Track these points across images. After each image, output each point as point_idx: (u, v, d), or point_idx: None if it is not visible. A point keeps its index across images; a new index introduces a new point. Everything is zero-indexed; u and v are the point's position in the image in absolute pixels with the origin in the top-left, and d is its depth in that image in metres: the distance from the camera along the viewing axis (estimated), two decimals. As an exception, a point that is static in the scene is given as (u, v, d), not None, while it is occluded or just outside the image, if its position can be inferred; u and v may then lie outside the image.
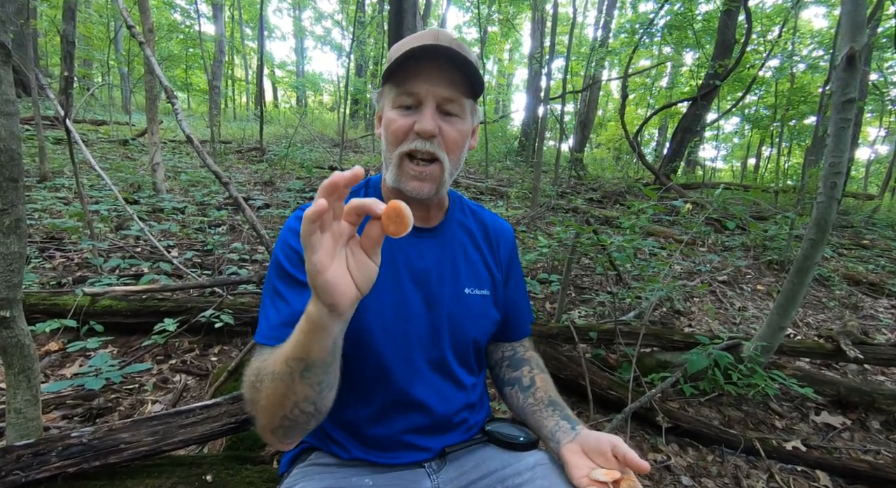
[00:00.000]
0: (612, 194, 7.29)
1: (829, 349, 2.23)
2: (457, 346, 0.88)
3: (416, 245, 0.85)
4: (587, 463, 0.73)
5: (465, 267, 0.89)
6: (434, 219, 0.88)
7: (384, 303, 0.81)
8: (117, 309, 2.10)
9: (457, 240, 0.90)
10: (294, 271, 0.77)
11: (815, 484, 1.66)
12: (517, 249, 1.01)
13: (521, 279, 1.01)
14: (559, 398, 0.90)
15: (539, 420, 0.86)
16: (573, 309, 3.01)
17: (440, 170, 0.77)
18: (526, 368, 0.95)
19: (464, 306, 0.87)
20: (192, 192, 4.79)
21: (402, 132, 0.76)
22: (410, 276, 0.83)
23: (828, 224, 1.76)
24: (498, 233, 0.96)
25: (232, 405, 1.14)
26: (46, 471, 0.93)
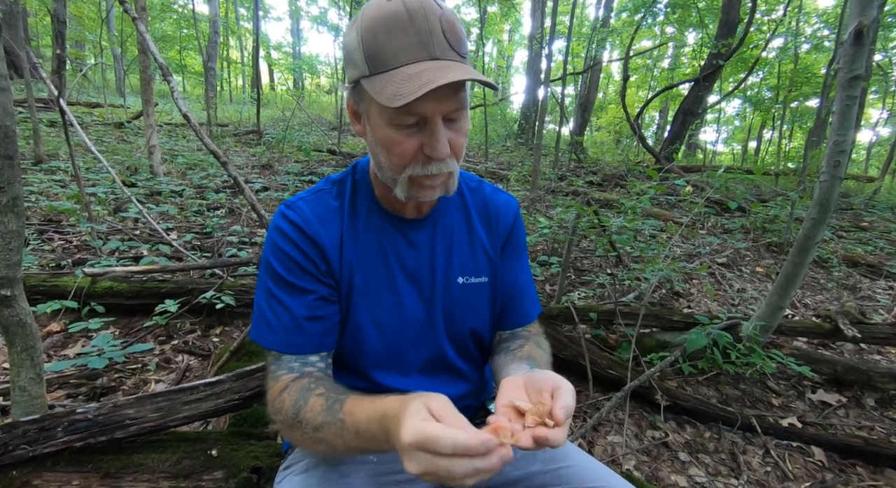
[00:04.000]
0: (613, 177, 7.26)
1: (827, 328, 2.24)
2: (455, 339, 0.86)
3: (408, 237, 0.81)
4: (518, 394, 0.60)
5: (460, 254, 0.84)
6: (427, 206, 0.82)
7: (377, 303, 0.80)
8: (118, 290, 2.10)
9: (451, 226, 0.84)
10: (291, 278, 0.75)
11: (810, 459, 1.69)
12: (522, 226, 0.93)
13: (524, 261, 0.93)
14: (542, 359, 0.81)
15: (506, 367, 0.80)
16: (573, 291, 3.03)
17: (450, 175, 0.71)
18: (521, 340, 0.88)
19: (458, 297, 0.84)
20: (190, 175, 4.76)
21: (410, 155, 0.67)
22: (403, 273, 0.81)
23: (830, 203, 1.75)
24: (498, 209, 0.89)
25: (235, 382, 1.15)
26: (53, 446, 0.94)
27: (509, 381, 0.63)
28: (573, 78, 11.93)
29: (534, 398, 0.59)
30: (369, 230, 0.80)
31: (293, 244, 0.75)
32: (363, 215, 0.80)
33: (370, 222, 0.80)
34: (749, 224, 4.77)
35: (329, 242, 0.77)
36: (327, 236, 0.77)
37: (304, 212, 0.77)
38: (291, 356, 0.74)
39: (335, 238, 0.78)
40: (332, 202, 0.80)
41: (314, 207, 0.78)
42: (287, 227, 0.76)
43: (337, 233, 0.78)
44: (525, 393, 0.61)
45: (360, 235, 0.79)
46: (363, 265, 0.79)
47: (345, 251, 0.78)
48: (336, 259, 0.78)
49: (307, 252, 0.75)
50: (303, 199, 0.80)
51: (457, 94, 0.64)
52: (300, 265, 0.75)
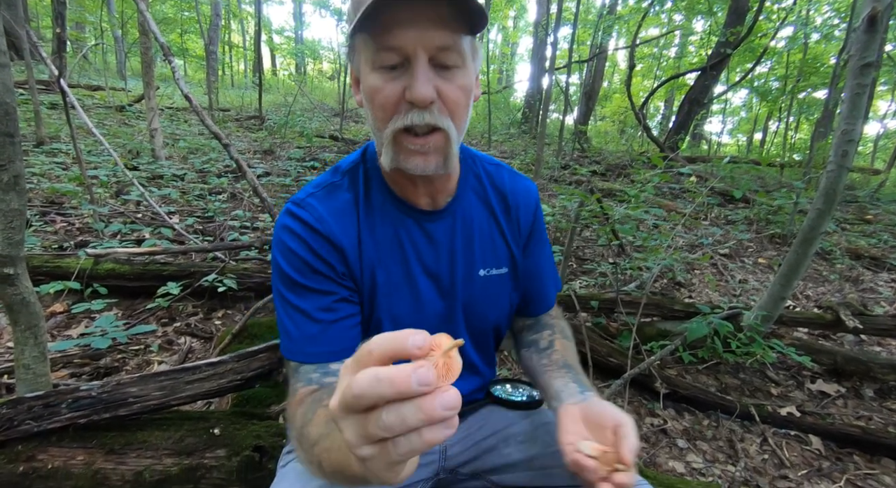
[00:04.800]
0: (616, 167, 7.22)
1: (829, 319, 2.24)
2: (475, 334, 0.84)
3: (426, 231, 0.76)
4: (580, 430, 0.65)
5: (480, 245, 0.80)
6: (443, 197, 0.77)
7: (396, 300, 0.76)
8: (120, 272, 2.10)
9: (470, 216, 0.80)
10: (306, 281, 0.70)
11: (808, 447, 1.70)
12: (542, 212, 0.89)
13: (545, 245, 0.90)
14: (577, 364, 0.83)
15: (548, 379, 0.80)
16: (574, 279, 3.03)
17: (445, 140, 0.64)
18: (547, 332, 0.88)
19: (479, 290, 0.80)
20: (192, 160, 4.74)
21: (392, 103, 0.62)
22: (422, 268, 0.77)
23: (836, 194, 1.74)
24: (517, 197, 0.84)
25: (237, 362, 1.16)
26: (57, 422, 0.95)
27: (568, 414, 0.68)
28: (578, 66, 11.79)
29: (595, 434, 0.64)
30: (386, 222, 0.75)
31: (306, 246, 0.70)
32: (378, 206, 0.75)
33: (386, 213, 0.75)
34: (753, 215, 4.75)
35: (347, 241, 0.72)
36: (345, 235, 0.72)
37: (316, 209, 0.71)
38: (311, 366, 0.69)
39: (353, 236, 0.73)
40: (345, 195, 0.74)
41: (326, 203, 0.73)
42: (299, 228, 0.70)
43: (354, 231, 0.73)
44: (584, 427, 0.66)
45: (378, 228, 0.75)
46: (383, 260, 0.75)
47: (364, 248, 0.73)
48: (356, 258, 0.73)
49: (323, 254, 0.70)
50: (312, 196, 0.74)
51: (444, 28, 0.59)
52: (315, 269, 0.70)
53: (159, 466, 0.96)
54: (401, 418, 0.31)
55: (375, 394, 0.31)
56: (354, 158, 0.79)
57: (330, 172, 0.78)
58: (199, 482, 0.97)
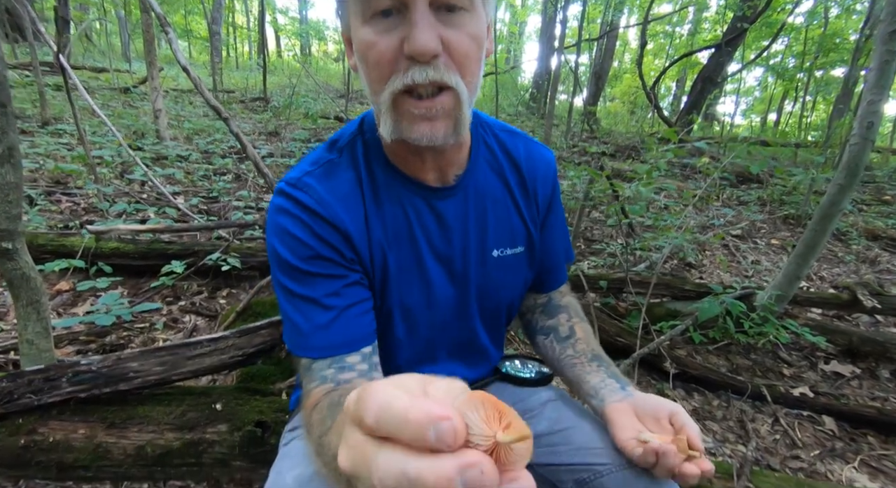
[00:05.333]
0: (625, 148, 7.08)
1: (845, 299, 2.19)
2: (487, 317, 0.80)
3: (436, 210, 0.70)
4: (636, 425, 0.65)
5: (495, 224, 0.74)
6: (453, 171, 0.69)
7: (406, 287, 0.71)
8: (125, 251, 2.09)
9: (483, 192, 0.73)
10: (311, 267, 0.63)
11: (821, 428, 1.67)
12: (558, 182, 0.82)
13: (561, 218, 0.84)
14: (603, 352, 0.80)
15: (580, 374, 0.77)
16: (583, 260, 2.98)
17: (454, 101, 0.55)
18: (563, 316, 0.84)
19: (493, 272, 0.75)
20: (196, 141, 4.71)
21: (388, 60, 0.53)
22: (432, 252, 0.71)
23: (859, 168, 1.67)
24: (534, 169, 0.77)
25: (239, 338, 1.14)
26: (58, 396, 0.94)
27: (618, 412, 0.67)
28: (588, 45, 11.51)
29: (652, 427, 0.64)
30: (393, 203, 0.68)
31: (308, 230, 0.63)
32: (383, 184, 0.68)
33: (392, 193, 0.68)
34: (766, 196, 4.65)
35: (354, 228, 0.65)
36: (351, 220, 0.65)
37: (315, 191, 0.64)
38: (324, 362, 0.62)
39: (359, 220, 0.66)
40: (346, 173, 0.67)
41: (327, 184, 0.65)
42: (298, 210, 0.63)
43: (360, 215, 0.66)
44: (636, 421, 0.66)
45: (385, 209, 0.68)
46: (392, 246, 0.68)
47: (372, 233, 0.67)
48: (364, 245, 0.67)
49: (329, 240, 0.63)
50: (309, 175, 0.65)
51: None
52: (320, 255, 0.63)
53: (161, 440, 0.95)
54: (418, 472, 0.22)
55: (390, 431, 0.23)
56: (351, 130, 0.71)
57: (325, 147, 0.70)
58: (202, 456, 0.96)
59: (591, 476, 0.67)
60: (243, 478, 1.17)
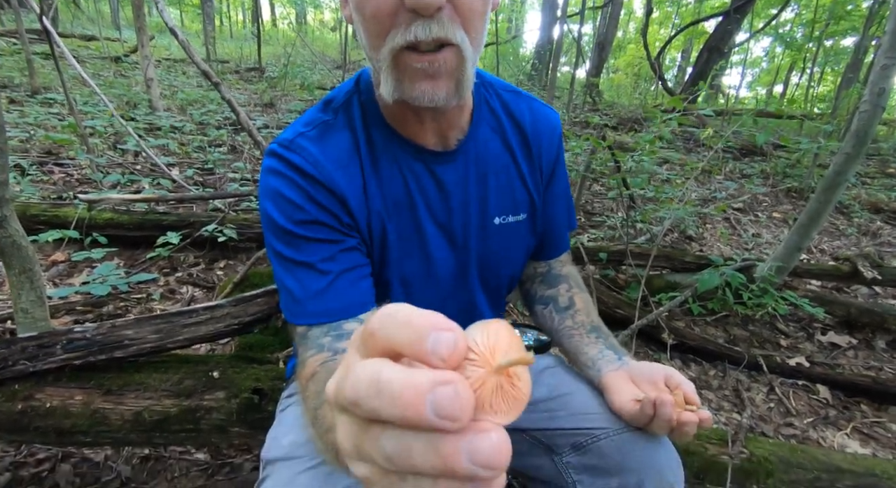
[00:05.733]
0: (628, 121, 6.96)
1: (846, 271, 2.18)
2: (488, 287, 0.78)
3: (436, 175, 0.67)
4: (632, 389, 0.66)
5: (496, 190, 0.71)
6: (454, 134, 0.67)
7: (405, 257, 0.69)
8: (119, 222, 2.07)
9: (485, 157, 0.70)
10: (307, 232, 0.61)
11: (815, 396, 1.69)
12: (563, 145, 0.79)
13: (565, 183, 0.81)
14: (602, 323, 0.79)
15: (578, 345, 0.76)
16: (582, 233, 2.96)
17: (457, 59, 0.52)
18: (563, 286, 0.83)
19: (494, 241, 0.73)
20: (190, 111, 4.61)
21: (388, 13, 0.50)
22: (432, 220, 0.69)
23: (868, 136, 1.63)
24: (539, 132, 0.74)
25: (234, 307, 1.13)
26: (52, 363, 0.93)
27: (615, 379, 0.68)
28: (592, 13, 11.17)
29: (648, 389, 0.64)
30: (392, 168, 0.65)
31: (303, 192, 0.60)
32: (381, 147, 0.65)
33: (391, 157, 0.65)
34: (769, 169, 4.59)
35: (351, 193, 0.63)
36: (348, 185, 0.62)
37: (310, 153, 0.61)
38: (321, 329, 0.60)
39: (357, 186, 0.63)
40: (342, 135, 0.64)
41: (322, 146, 0.62)
42: (291, 172, 0.60)
43: (358, 180, 0.63)
44: (632, 385, 0.67)
45: (384, 175, 0.65)
46: (391, 213, 0.66)
47: (371, 199, 0.64)
48: (361, 212, 0.64)
49: (325, 204, 0.61)
50: (302, 136, 0.63)
51: None
52: (316, 219, 0.61)
53: (158, 407, 0.95)
54: (405, 453, 0.20)
55: (371, 408, 0.20)
56: (347, 89, 0.68)
57: (319, 107, 0.67)
58: (200, 422, 0.96)
59: (588, 440, 0.67)
60: (242, 444, 1.19)
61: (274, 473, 0.65)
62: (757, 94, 18.09)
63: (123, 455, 1.17)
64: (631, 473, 0.63)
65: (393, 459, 0.20)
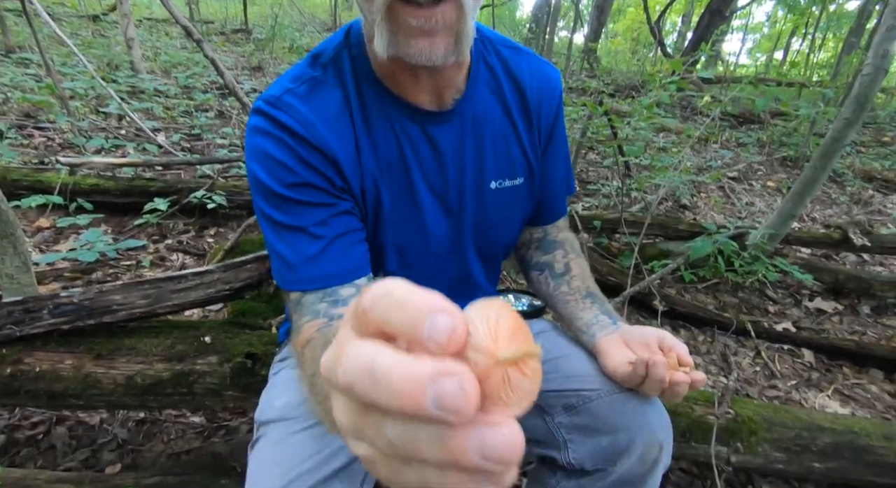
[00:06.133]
0: (626, 88, 6.82)
1: (836, 239, 2.20)
2: (483, 253, 0.76)
3: (431, 137, 0.64)
4: (626, 352, 0.66)
5: (493, 152, 0.69)
6: (450, 94, 0.63)
7: (399, 222, 0.67)
8: (105, 187, 2.02)
9: (482, 118, 0.67)
10: (297, 194, 0.58)
11: (799, 360, 1.73)
12: (563, 105, 0.76)
13: (564, 145, 0.78)
14: (598, 290, 0.78)
15: (573, 311, 0.75)
16: (577, 202, 2.95)
17: (457, 12, 0.49)
18: (559, 252, 0.81)
19: (490, 207, 0.71)
20: (175, 74, 4.45)
21: None
22: (426, 184, 0.66)
23: (868, 101, 1.60)
24: (539, 91, 0.70)
25: (225, 272, 1.11)
26: (40, 328, 0.92)
27: (608, 342, 0.68)
28: (592, -27, 10.74)
29: (642, 352, 0.64)
30: (385, 129, 0.62)
31: (293, 153, 0.57)
32: (373, 107, 0.61)
33: (384, 117, 0.62)
34: (766, 137, 4.56)
35: (343, 155, 0.60)
36: (340, 146, 0.59)
37: (298, 112, 0.58)
38: (316, 295, 0.58)
39: (349, 147, 0.60)
40: (333, 93, 0.60)
41: (311, 104, 0.59)
42: (278, 132, 0.57)
43: (350, 141, 0.60)
44: (625, 349, 0.66)
45: (377, 136, 0.62)
46: (386, 176, 0.64)
47: (364, 161, 0.62)
48: (354, 175, 0.61)
49: (316, 166, 0.58)
50: (290, 93, 0.59)
51: None
52: (307, 182, 0.58)
53: (150, 371, 0.95)
54: (410, 442, 0.18)
55: (366, 396, 0.18)
56: (336, 42, 0.63)
57: (307, 62, 0.63)
58: (193, 386, 0.97)
59: (580, 401, 0.68)
60: (237, 407, 1.20)
61: (267, 434, 0.65)
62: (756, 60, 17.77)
63: (119, 418, 1.18)
64: (622, 432, 0.64)
65: (396, 446, 0.19)
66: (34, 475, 0.93)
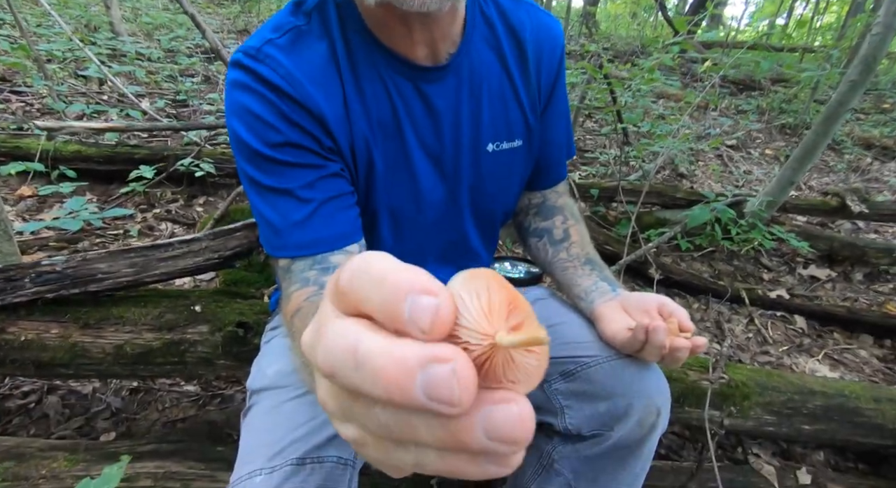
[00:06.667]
0: (625, 53, 6.64)
1: (834, 206, 2.19)
2: (480, 219, 0.73)
3: (425, 94, 0.60)
4: (625, 318, 0.64)
5: (490, 112, 0.65)
6: (445, 46, 0.59)
7: (392, 186, 0.63)
8: (87, 154, 1.95)
9: (479, 75, 0.63)
10: (277, 153, 0.54)
11: (792, 326, 1.75)
12: (565, 61, 0.71)
13: (564, 105, 0.74)
14: (597, 256, 0.76)
15: (571, 277, 0.73)
16: (574, 170, 2.90)
17: None
18: (558, 218, 0.78)
19: (487, 169, 0.68)
20: (157, 37, 4.26)
21: None
22: (420, 145, 0.63)
23: (876, 61, 1.55)
24: (539, 45, 0.66)
25: (213, 240, 1.08)
26: (23, 296, 0.89)
27: (608, 309, 0.66)
28: (592, -70, 10.26)
29: (641, 318, 0.62)
30: (374, 83, 0.58)
31: (276, 112, 0.54)
32: (363, 60, 0.57)
33: (373, 71, 0.58)
34: (766, 104, 4.48)
35: (331, 112, 0.56)
36: (327, 103, 0.55)
37: (280, 64, 0.53)
38: (305, 261, 0.56)
39: (337, 104, 0.56)
40: (318, 44, 0.56)
41: (294, 57, 0.54)
42: (259, 86, 0.53)
43: (338, 97, 0.56)
44: (625, 315, 0.65)
45: (367, 92, 0.58)
46: (378, 136, 0.60)
47: (353, 121, 0.58)
48: (344, 135, 0.58)
49: (301, 124, 0.54)
50: (271, 43, 0.54)
51: None
52: (291, 142, 0.55)
53: (139, 340, 0.93)
54: (406, 425, 0.17)
55: (350, 383, 0.17)
56: None
57: (289, 9, 0.58)
58: (184, 355, 0.95)
59: (578, 367, 0.67)
60: (230, 376, 1.19)
61: (260, 402, 0.64)
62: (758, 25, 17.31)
63: (112, 387, 1.17)
64: (620, 398, 0.63)
65: (389, 428, 0.17)
66: (28, 443, 0.92)
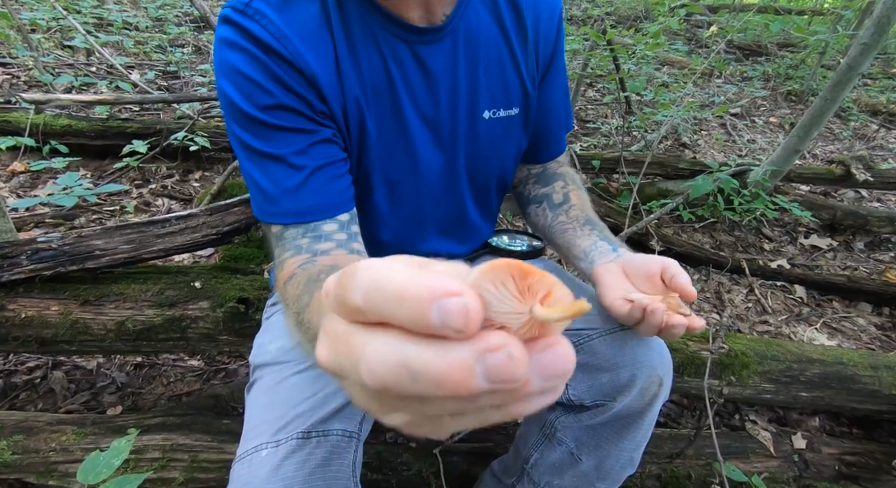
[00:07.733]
0: (628, 19, 6.43)
1: (838, 174, 2.16)
2: (477, 188, 0.72)
3: (420, 58, 0.58)
4: (625, 284, 0.60)
5: (487, 77, 0.63)
6: (441, 7, 0.57)
7: (387, 154, 0.62)
8: (78, 129, 1.91)
9: (476, 38, 0.61)
10: (268, 117, 0.53)
11: (791, 296, 1.75)
12: (564, 30, 0.69)
13: (563, 75, 0.72)
14: (597, 217, 0.74)
15: (570, 238, 0.71)
16: (575, 141, 2.85)
17: None
18: (559, 183, 0.77)
19: (484, 137, 0.66)
20: (145, 5, 4.11)
21: None
22: (416, 111, 0.61)
23: (890, 24, 1.50)
24: (538, 11, 0.64)
25: (210, 216, 1.06)
26: (20, 273, 0.89)
27: (607, 272, 0.62)
28: None
29: (644, 286, 0.58)
30: (368, 45, 0.56)
31: (266, 72, 0.51)
32: (356, 20, 0.55)
33: (367, 32, 0.56)
34: (772, 70, 4.36)
35: (323, 74, 0.54)
36: (319, 64, 0.54)
37: (271, 21, 0.51)
38: (297, 229, 0.55)
39: (329, 66, 0.55)
40: (310, 2, 0.54)
41: (285, 14, 0.52)
42: (249, 44, 0.51)
43: (330, 58, 0.55)
44: (629, 281, 0.60)
45: (360, 55, 0.56)
46: (371, 101, 0.58)
47: (346, 83, 0.56)
48: (336, 98, 0.56)
49: (292, 86, 0.53)
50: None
51: None
52: (282, 104, 0.53)
53: (141, 317, 0.93)
54: (470, 404, 0.18)
55: (407, 392, 0.17)
56: None
57: None
58: (186, 331, 0.95)
59: (581, 339, 0.67)
60: (233, 351, 1.20)
61: (263, 377, 0.64)
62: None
63: (116, 362, 1.18)
64: (623, 369, 0.63)
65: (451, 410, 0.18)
66: (35, 417, 0.94)
